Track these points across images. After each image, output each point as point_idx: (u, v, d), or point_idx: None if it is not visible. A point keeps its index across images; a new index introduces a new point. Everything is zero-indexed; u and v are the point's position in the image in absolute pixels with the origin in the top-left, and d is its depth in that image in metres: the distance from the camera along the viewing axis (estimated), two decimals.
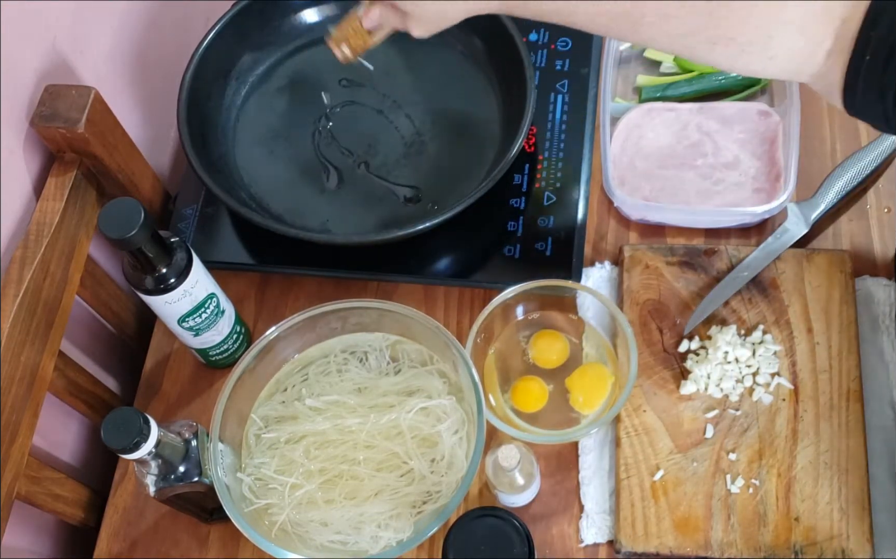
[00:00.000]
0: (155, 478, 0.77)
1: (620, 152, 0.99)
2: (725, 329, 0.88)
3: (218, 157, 0.99)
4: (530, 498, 0.84)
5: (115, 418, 0.71)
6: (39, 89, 0.86)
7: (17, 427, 0.79)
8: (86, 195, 0.90)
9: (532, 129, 0.99)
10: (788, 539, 0.79)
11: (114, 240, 0.74)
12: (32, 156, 0.87)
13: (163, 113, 1.06)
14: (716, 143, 0.98)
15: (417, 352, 0.88)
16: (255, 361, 0.84)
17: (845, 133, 1.00)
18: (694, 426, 0.85)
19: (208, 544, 0.88)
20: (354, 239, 0.92)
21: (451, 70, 1.03)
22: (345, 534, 0.81)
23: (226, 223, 0.99)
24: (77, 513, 0.91)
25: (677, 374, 0.88)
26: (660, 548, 0.80)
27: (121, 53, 0.99)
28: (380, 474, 0.82)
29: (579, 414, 0.87)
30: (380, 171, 0.98)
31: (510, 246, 0.94)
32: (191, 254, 0.82)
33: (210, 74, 1.00)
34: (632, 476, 0.83)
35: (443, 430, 0.82)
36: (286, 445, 0.85)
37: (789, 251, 0.92)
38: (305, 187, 0.98)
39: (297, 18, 1.06)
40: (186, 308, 0.83)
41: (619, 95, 1.05)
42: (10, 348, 0.79)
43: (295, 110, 1.03)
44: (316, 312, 0.86)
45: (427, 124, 1.00)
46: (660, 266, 0.93)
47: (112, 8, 0.97)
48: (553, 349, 0.89)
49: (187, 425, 0.79)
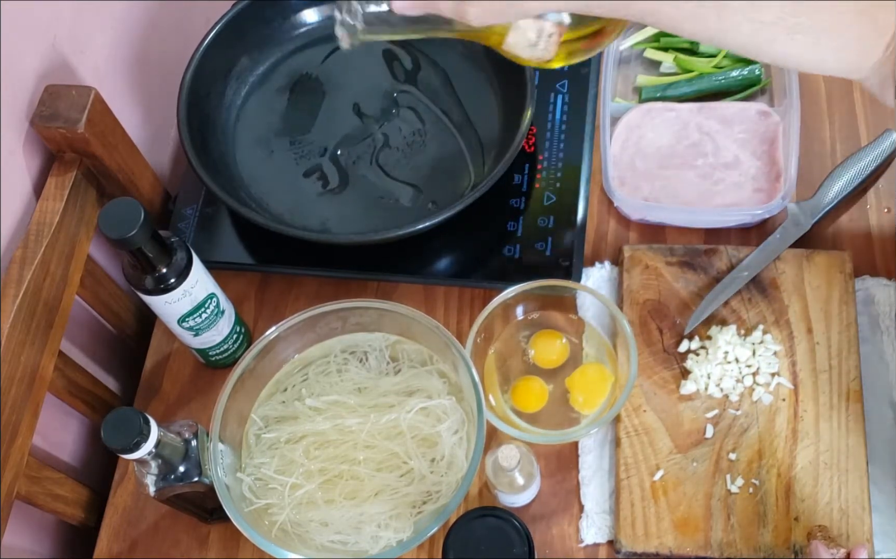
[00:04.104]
0: (155, 478, 0.77)
1: (620, 152, 0.99)
2: (725, 329, 0.88)
3: (218, 156, 0.99)
4: (530, 498, 0.84)
5: (115, 418, 0.71)
6: (39, 89, 0.86)
7: (17, 427, 0.79)
8: (86, 195, 0.90)
9: (532, 129, 0.99)
10: (788, 539, 0.79)
11: (114, 240, 0.74)
12: (32, 156, 0.87)
13: (163, 113, 1.06)
14: (716, 143, 0.98)
15: (417, 352, 0.88)
16: (255, 361, 0.84)
17: (845, 133, 1.00)
18: (694, 426, 0.85)
19: (208, 544, 0.88)
20: (354, 239, 0.92)
21: (451, 70, 1.03)
22: (345, 534, 0.81)
23: (226, 223, 0.99)
24: (77, 513, 0.91)
25: (677, 374, 0.88)
26: (660, 548, 0.80)
27: (121, 53, 0.99)
28: (380, 474, 0.82)
29: (579, 414, 0.87)
30: (380, 171, 0.98)
31: (510, 246, 0.94)
32: (191, 254, 0.82)
33: (210, 74, 1.00)
34: (632, 476, 0.83)
35: (443, 430, 0.82)
36: (286, 445, 0.85)
37: (789, 251, 0.92)
38: (305, 187, 0.98)
39: (297, 18, 1.06)
40: (186, 308, 0.83)
41: (619, 95, 1.05)
42: (10, 348, 0.79)
43: (295, 110, 1.03)
44: (316, 312, 0.86)
45: (427, 124, 1.00)
46: (660, 266, 0.93)
47: (112, 8, 0.97)
48: (553, 349, 0.89)
49: (187, 425, 0.79)
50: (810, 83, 1.03)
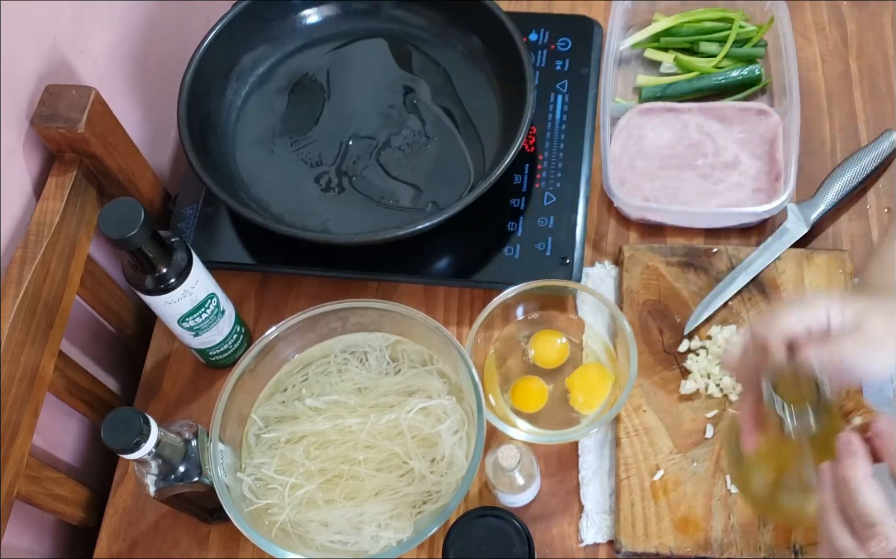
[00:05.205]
0: (155, 478, 0.77)
1: (620, 152, 0.99)
2: (725, 329, 0.88)
3: (218, 156, 0.99)
4: (530, 498, 0.84)
5: (115, 418, 0.71)
6: (39, 89, 0.86)
7: (17, 427, 0.79)
8: (86, 195, 0.90)
9: (532, 129, 0.99)
10: (788, 539, 0.79)
11: (114, 240, 0.74)
12: (32, 156, 0.87)
13: (163, 113, 1.06)
14: (716, 143, 0.98)
15: (417, 353, 0.88)
16: (255, 361, 0.84)
17: (845, 133, 1.00)
18: (694, 426, 0.85)
19: (208, 544, 0.88)
20: (354, 239, 0.92)
21: (451, 70, 1.03)
22: (345, 534, 0.81)
23: (226, 223, 0.99)
24: (77, 513, 0.91)
25: (677, 374, 0.88)
26: (660, 548, 0.80)
27: (121, 53, 0.99)
28: (380, 474, 0.82)
29: (579, 414, 0.87)
30: (380, 170, 0.98)
31: (510, 246, 0.94)
32: (191, 254, 0.82)
33: (210, 74, 1.00)
34: (632, 476, 0.83)
35: (443, 430, 0.82)
36: (286, 445, 0.85)
37: (789, 251, 0.92)
38: (305, 187, 0.98)
39: (297, 18, 1.06)
40: (186, 308, 0.83)
41: (619, 95, 1.05)
42: (10, 348, 0.79)
43: (295, 110, 1.03)
44: (316, 312, 0.86)
45: (427, 124, 1.00)
46: (660, 266, 0.93)
47: (112, 8, 0.97)
48: (553, 349, 0.89)
49: (187, 425, 0.79)
50: (810, 83, 1.03)
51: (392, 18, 1.06)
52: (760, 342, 0.63)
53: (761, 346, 0.63)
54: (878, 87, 1.03)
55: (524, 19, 1.06)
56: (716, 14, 1.05)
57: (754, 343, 0.63)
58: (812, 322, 0.62)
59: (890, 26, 1.06)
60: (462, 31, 1.03)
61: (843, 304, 0.63)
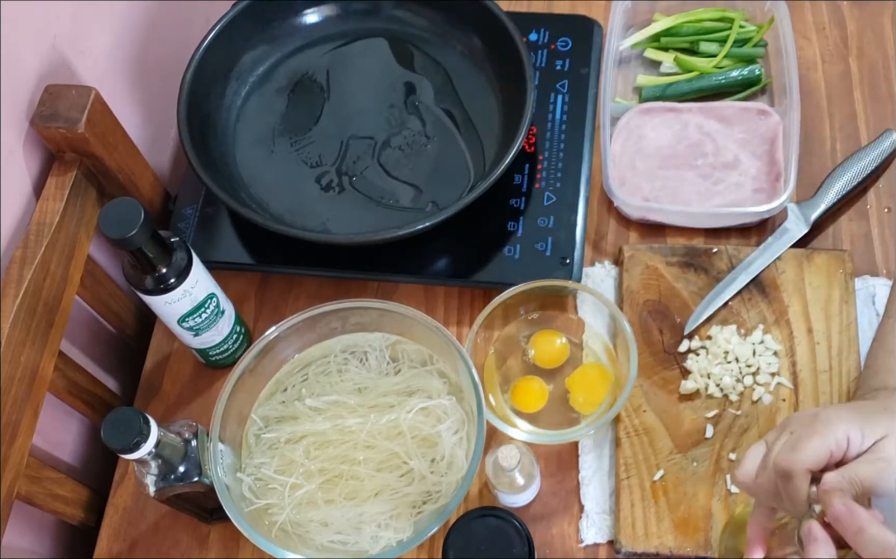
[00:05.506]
0: (155, 478, 0.77)
1: (620, 152, 0.99)
2: (725, 329, 0.88)
3: (218, 156, 0.99)
4: (530, 498, 0.84)
5: (115, 418, 0.71)
6: (39, 89, 0.86)
7: (17, 427, 0.79)
8: (86, 195, 0.90)
9: (532, 129, 0.99)
10: None
11: (114, 240, 0.74)
12: (32, 156, 0.87)
13: (163, 113, 1.06)
14: (716, 143, 0.98)
15: (417, 353, 0.88)
16: (255, 361, 0.84)
17: (845, 133, 1.00)
18: (694, 426, 0.85)
19: (208, 544, 0.88)
20: (354, 239, 0.92)
21: (451, 70, 1.03)
22: (345, 534, 0.81)
23: (226, 223, 0.99)
24: (77, 513, 0.91)
25: (677, 374, 0.88)
26: (660, 548, 0.80)
27: (121, 53, 0.99)
28: (380, 474, 0.82)
29: (579, 414, 0.87)
30: (380, 170, 0.98)
31: (510, 246, 0.94)
32: (191, 254, 0.82)
33: (210, 74, 1.00)
34: (632, 476, 0.83)
35: (443, 430, 0.82)
36: (286, 445, 0.85)
37: (789, 251, 0.92)
38: (305, 187, 0.98)
39: (297, 18, 1.06)
40: (186, 308, 0.83)
41: (619, 95, 1.05)
42: (10, 348, 0.79)
43: (295, 110, 1.03)
44: (316, 312, 0.86)
45: (427, 124, 1.00)
46: (660, 266, 0.93)
47: (112, 8, 0.97)
48: (553, 349, 0.89)
49: (187, 425, 0.79)
50: (810, 83, 1.03)
51: (392, 18, 1.06)
52: (784, 473, 0.63)
53: (786, 476, 0.63)
54: (878, 87, 1.03)
55: (524, 19, 1.06)
56: (716, 14, 1.05)
57: (778, 473, 0.64)
58: (833, 448, 0.63)
59: (890, 26, 1.06)
60: (462, 31, 1.03)
61: (862, 427, 0.63)
